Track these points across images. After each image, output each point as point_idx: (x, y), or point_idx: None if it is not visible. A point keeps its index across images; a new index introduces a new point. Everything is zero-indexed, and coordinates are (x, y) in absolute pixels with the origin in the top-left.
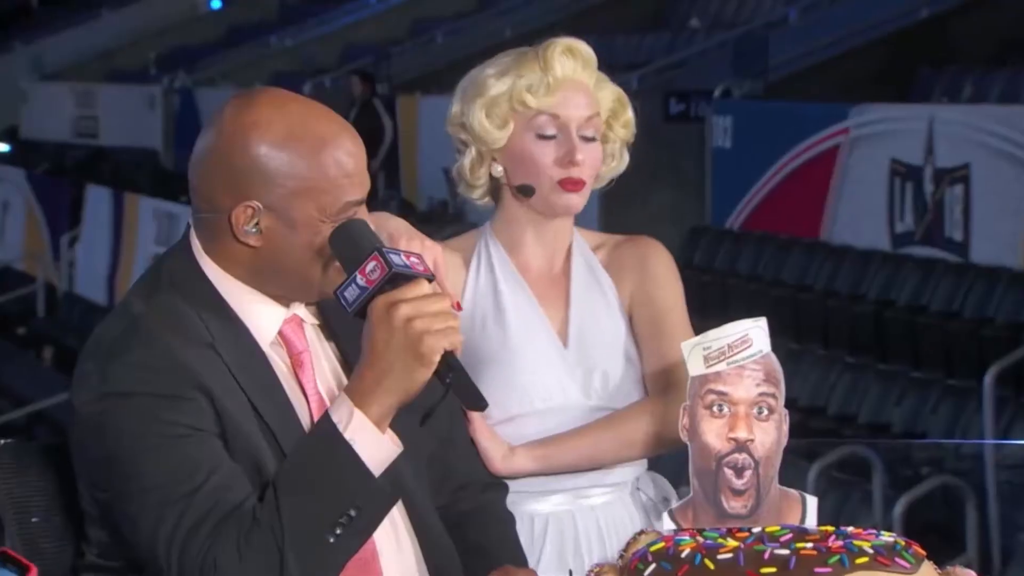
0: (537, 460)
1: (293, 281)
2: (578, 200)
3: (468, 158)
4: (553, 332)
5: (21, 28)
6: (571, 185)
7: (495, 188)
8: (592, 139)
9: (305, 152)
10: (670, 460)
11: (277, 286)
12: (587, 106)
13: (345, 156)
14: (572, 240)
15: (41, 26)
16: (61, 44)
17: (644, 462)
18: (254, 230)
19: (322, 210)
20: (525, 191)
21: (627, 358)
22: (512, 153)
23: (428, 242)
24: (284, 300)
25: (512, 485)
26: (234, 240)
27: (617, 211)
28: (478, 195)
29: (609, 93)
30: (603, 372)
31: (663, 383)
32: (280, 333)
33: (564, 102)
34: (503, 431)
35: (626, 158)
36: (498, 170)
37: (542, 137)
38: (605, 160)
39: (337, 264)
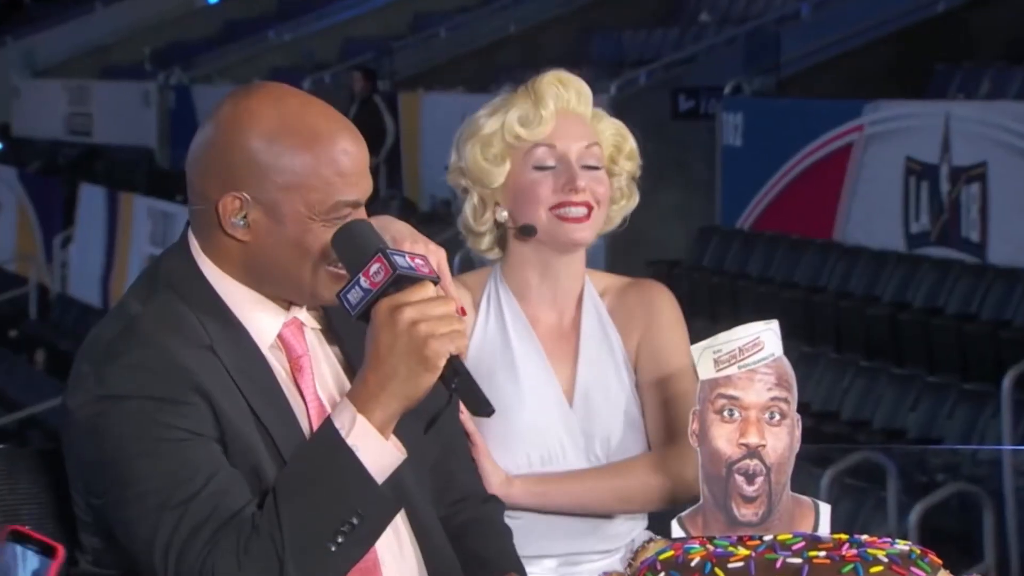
0: (533, 496)
1: (282, 281)
2: (581, 232)
3: (470, 205)
4: (560, 392)
5: (12, 23)
6: (572, 219)
7: (502, 236)
8: (596, 167)
9: (296, 146)
10: None
11: (269, 285)
12: (585, 135)
13: (340, 154)
14: (584, 287)
15: (33, 21)
16: (54, 39)
17: (644, 520)
18: (241, 223)
19: (311, 207)
20: (526, 231)
21: (630, 422)
22: (512, 190)
23: (432, 246)
24: (283, 303)
25: None
26: (223, 233)
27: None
28: (486, 245)
29: (608, 125)
30: (605, 438)
31: (664, 438)
32: (280, 336)
33: (560, 132)
34: None
35: (636, 196)
36: (503, 215)
37: (541, 168)
38: (614, 197)
39: (329, 267)
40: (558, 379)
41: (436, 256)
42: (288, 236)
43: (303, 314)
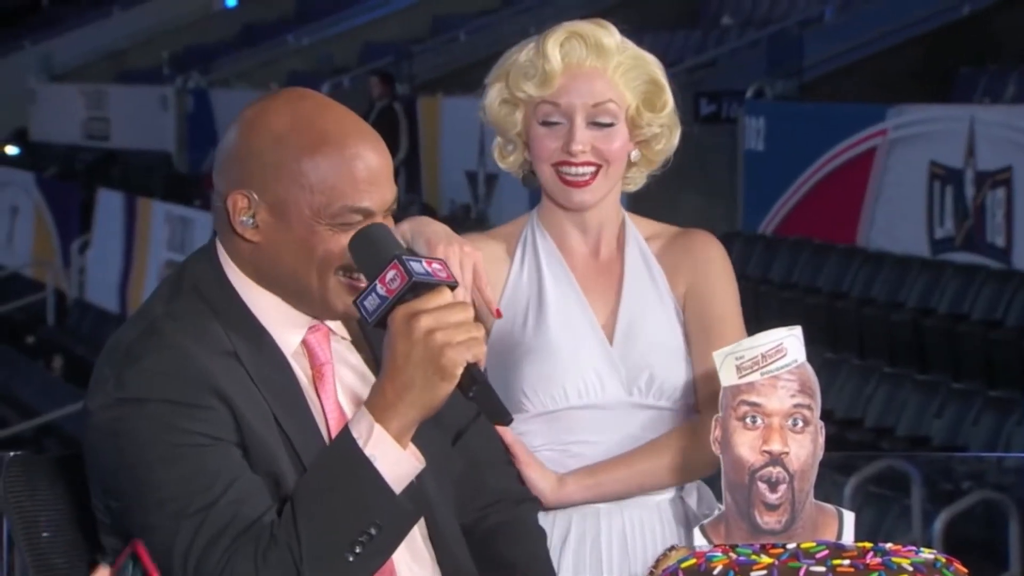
0: (588, 490)
1: (292, 287)
2: (581, 195)
3: (495, 143)
4: (598, 326)
5: (30, 27)
6: (573, 181)
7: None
8: (608, 125)
9: (302, 147)
10: None
11: (282, 291)
12: (597, 92)
13: (351, 159)
14: (623, 226)
15: (50, 25)
16: (71, 43)
17: None
18: (250, 222)
19: (315, 210)
20: (530, 182)
21: (679, 357)
22: (526, 139)
23: (467, 247)
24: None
25: None
26: (234, 233)
27: (645, 215)
28: (523, 176)
29: (636, 76)
30: (650, 371)
31: (710, 392)
32: (305, 343)
33: (566, 89)
34: (538, 426)
35: (677, 133)
36: (528, 154)
37: (545, 124)
38: (651, 142)
39: (341, 277)
40: (597, 315)
41: (472, 258)
42: (294, 238)
43: (332, 322)
